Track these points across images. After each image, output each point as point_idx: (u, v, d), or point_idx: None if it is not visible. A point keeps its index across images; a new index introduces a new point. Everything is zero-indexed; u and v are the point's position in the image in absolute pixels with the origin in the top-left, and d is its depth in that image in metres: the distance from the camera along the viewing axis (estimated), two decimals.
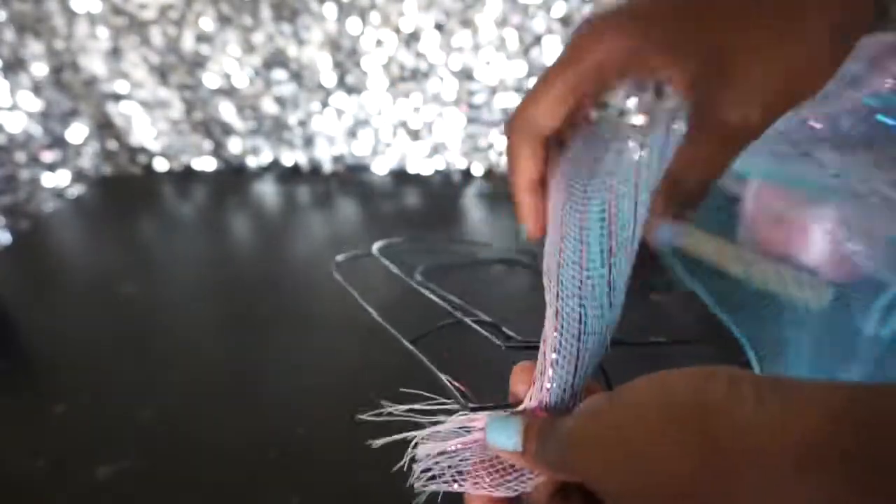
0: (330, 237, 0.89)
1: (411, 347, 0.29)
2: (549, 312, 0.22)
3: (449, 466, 0.24)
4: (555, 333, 0.22)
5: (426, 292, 0.38)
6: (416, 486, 0.24)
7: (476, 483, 0.23)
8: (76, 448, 0.52)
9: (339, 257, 0.54)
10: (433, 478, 0.24)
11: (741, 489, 0.14)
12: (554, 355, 0.22)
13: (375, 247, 0.55)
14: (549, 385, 0.22)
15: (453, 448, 0.24)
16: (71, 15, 0.91)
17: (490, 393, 0.25)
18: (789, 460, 0.14)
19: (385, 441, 0.24)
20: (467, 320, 0.29)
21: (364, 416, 0.25)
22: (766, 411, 0.15)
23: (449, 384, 0.25)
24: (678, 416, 0.16)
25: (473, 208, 0.94)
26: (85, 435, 0.54)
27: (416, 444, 0.24)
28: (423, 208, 0.95)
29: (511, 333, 0.30)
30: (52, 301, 0.74)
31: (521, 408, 0.23)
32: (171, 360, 0.63)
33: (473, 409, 0.23)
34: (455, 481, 0.24)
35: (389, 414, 0.24)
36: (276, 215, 0.95)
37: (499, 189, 0.98)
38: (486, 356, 0.28)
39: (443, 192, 0.98)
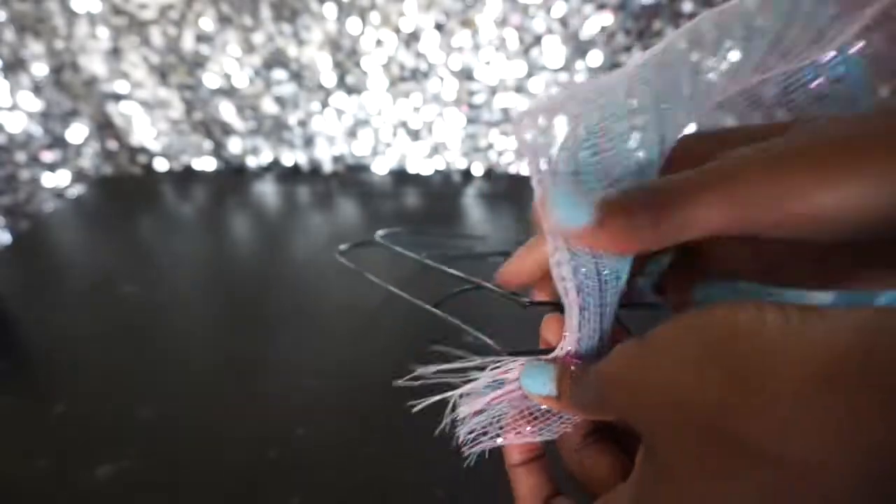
0: (330, 237, 0.89)
1: (434, 311, 0.28)
2: (566, 270, 0.22)
3: (490, 423, 0.24)
4: (576, 290, 0.22)
5: (438, 265, 0.38)
6: (463, 449, 0.24)
7: (518, 433, 0.24)
8: (76, 448, 0.52)
9: (343, 246, 0.54)
10: (476, 437, 0.24)
11: (768, 409, 0.14)
12: (578, 306, 0.22)
13: (379, 234, 0.55)
14: (578, 334, 0.23)
15: (490, 403, 0.24)
16: (71, 15, 0.91)
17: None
18: (811, 375, 0.14)
19: (425, 403, 0.24)
20: (487, 284, 0.29)
21: (401, 382, 0.24)
22: (792, 331, 0.15)
23: (481, 336, 0.25)
24: (707, 345, 0.16)
25: (473, 208, 0.94)
26: (85, 435, 0.54)
27: (454, 406, 0.25)
28: (423, 208, 0.95)
29: (528, 298, 0.30)
30: (52, 301, 0.74)
31: (552, 356, 0.23)
32: (171, 359, 0.63)
33: (511, 354, 0.24)
34: (498, 436, 0.24)
35: (422, 377, 0.24)
36: (276, 215, 0.95)
37: (498, 188, 0.98)
38: (505, 323, 0.28)
39: (443, 191, 0.98)
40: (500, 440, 0.24)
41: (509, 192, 0.97)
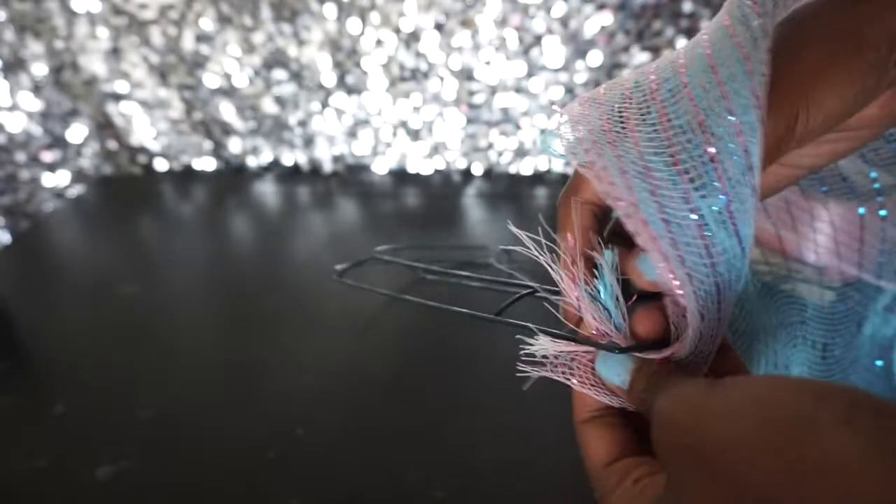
0: (330, 237, 0.89)
1: (497, 319, 0.27)
2: (673, 273, 0.20)
3: (558, 363, 0.24)
4: (688, 289, 0.20)
5: (452, 272, 0.37)
6: (523, 368, 0.24)
7: (582, 384, 0.24)
8: (76, 448, 0.52)
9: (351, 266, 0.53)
10: (550, 365, 0.24)
11: None
12: (692, 311, 0.21)
13: (377, 249, 0.55)
14: (685, 339, 0.21)
15: (564, 352, 0.24)
16: (71, 15, 0.91)
17: None
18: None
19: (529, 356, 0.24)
20: (542, 290, 0.27)
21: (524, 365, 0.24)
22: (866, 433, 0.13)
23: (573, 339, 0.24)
24: (772, 428, 0.15)
25: (473, 208, 0.94)
26: (85, 435, 0.54)
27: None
28: (423, 208, 0.95)
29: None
30: (52, 301, 0.74)
31: (661, 355, 0.22)
32: (171, 360, 0.63)
33: (622, 350, 0.23)
34: (563, 373, 0.24)
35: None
36: (276, 215, 0.95)
37: (498, 189, 0.98)
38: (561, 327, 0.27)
39: (443, 191, 0.98)
40: (562, 377, 0.24)
41: (509, 191, 0.97)
